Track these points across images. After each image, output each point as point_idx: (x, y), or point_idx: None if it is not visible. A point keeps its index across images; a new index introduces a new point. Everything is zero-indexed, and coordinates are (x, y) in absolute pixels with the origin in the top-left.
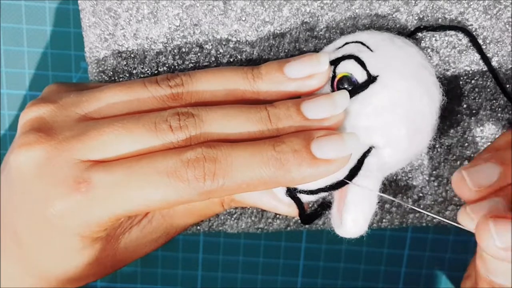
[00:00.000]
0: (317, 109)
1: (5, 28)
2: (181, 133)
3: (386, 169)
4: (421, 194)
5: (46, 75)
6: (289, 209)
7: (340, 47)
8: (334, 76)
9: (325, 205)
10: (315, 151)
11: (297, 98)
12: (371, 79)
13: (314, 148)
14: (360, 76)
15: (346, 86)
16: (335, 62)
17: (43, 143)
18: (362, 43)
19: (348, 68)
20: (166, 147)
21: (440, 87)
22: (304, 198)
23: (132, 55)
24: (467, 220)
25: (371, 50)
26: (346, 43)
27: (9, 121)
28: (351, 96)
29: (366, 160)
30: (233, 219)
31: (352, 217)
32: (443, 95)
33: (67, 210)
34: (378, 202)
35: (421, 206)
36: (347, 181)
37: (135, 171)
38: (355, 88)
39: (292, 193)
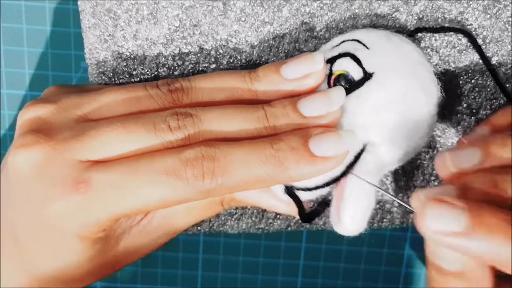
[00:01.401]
0: (314, 106)
1: (5, 28)
2: (179, 132)
3: (384, 166)
4: None
5: (46, 75)
6: (289, 207)
7: (336, 45)
8: (330, 74)
9: (324, 204)
10: (313, 148)
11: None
12: (367, 76)
13: (312, 146)
14: (356, 73)
15: (342, 84)
16: (331, 61)
17: (42, 143)
18: (358, 41)
19: (344, 66)
20: (165, 146)
21: (438, 84)
22: (303, 195)
23: (132, 56)
24: (415, 202)
25: (367, 48)
26: (343, 41)
27: (9, 121)
28: (347, 94)
29: (363, 157)
30: (233, 219)
31: (350, 213)
32: (441, 92)
33: (66, 211)
34: (379, 202)
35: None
36: (352, 173)
37: (134, 171)
38: (352, 86)
39: (290, 191)
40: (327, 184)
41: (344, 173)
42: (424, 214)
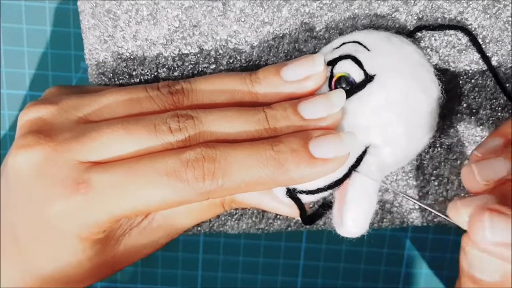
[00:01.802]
0: (314, 109)
1: (5, 28)
2: (180, 134)
3: (386, 168)
4: (421, 194)
5: (46, 75)
6: (290, 209)
7: (337, 47)
8: (331, 77)
9: (326, 205)
10: (313, 150)
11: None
12: (368, 78)
13: (312, 148)
14: (357, 75)
15: (343, 86)
16: (332, 63)
17: (42, 144)
18: (359, 42)
19: (345, 68)
20: (166, 148)
21: (439, 85)
22: (304, 198)
23: (132, 57)
24: (455, 213)
25: (368, 50)
26: (343, 43)
27: (9, 121)
28: (348, 96)
29: (365, 159)
30: (234, 219)
31: (353, 216)
32: (441, 92)
33: (66, 211)
34: (379, 202)
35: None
36: (357, 172)
37: (135, 172)
38: (353, 88)
39: (292, 193)
40: (329, 187)
41: (346, 176)
42: (481, 225)
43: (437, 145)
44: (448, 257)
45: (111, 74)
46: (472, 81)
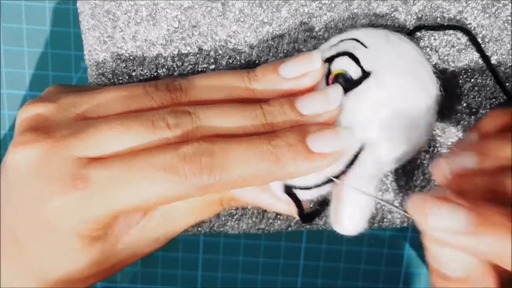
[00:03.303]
0: (311, 104)
1: (5, 28)
2: (178, 130)
3: (383, 165)
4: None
5: (46, 75)
6: (288, 207)
7: (335, 45)
8: (329, 73)
9: (324, 203)
10: (310, 145)
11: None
12: (366, 75)
13: (310, 142)
14: (354, 72)
15: (341, 83)
16: (330, 60)
17: (41, 141)
18: (356, 40)
19: (342, 65)
20: (163, 143)
21: (437, 83)
22: (302, 195)
23: (131, 57)
24: (412, 206)
25: (365, 47)
26: (341, 41)
27: (9, 121)
28: (346, 93)
29: (362, 156)
30: (234, 220)
31: (348, 214)
32: (440, 90)
33: (64, 207)
34: (379, 202)
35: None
36: (335, 179)
37: (132, 166)
38: (350, 85)
39: (289, 190)
40: (326, 182)
41: (343, 172)
42: (427, 212)
43: (437, 145)
44: None
45: (110, 75)
46: (472, 80)
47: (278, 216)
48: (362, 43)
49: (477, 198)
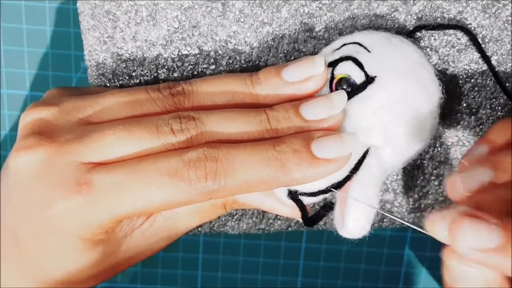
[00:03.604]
0: (315, 110)
1: (5, 28)
2: (182, 135)
3: (387, 169)
4: (421, 194)
5: (46, 75)
6: (292, 211)
7: (337, 49)
8: (332, 78)
9: (327, 207)
10: (315, 150)
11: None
12: (369, 79)
13: (314, 148)
14: (358, 77)
15: (344, 88)
16: (333, 64)
17: (44, 145)
18: (359, 43)
19: (346, 69)
20: (168, 149)
21: (440, 85)
22: (306, 200)
23: (131, 58)
24: (432, 227)
25: (368, 51)
26: (344, 44)
27: (9, 121)
28: (350, 98)
29: (366, 161)
30: (234, 220)
31: (354, 217)
32: (442, 92)
33: (67, 212)
34: (379, 202)
35: (422, 206)
36: (334, 190)
37: (137, 172)
38: (354, 89)
39: (293, 195)
40: (331, 188)
41: (348, 177)
42: (462, 231)
43: (437, 145)
44: None
45: (111, 75)
46: (472, 80)
47: (278, 217)
48: (365, 47)
49: (497, 214)
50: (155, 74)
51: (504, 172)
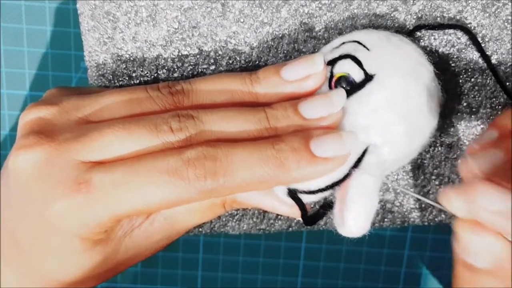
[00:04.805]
0: (315, 108)
1: (5, 28)
2: (181, 134)
3: (386, 168)
4: (422, 193)
5: (46, 75)
6: (291, 210)
7: (337, 47)
8: (331, 76)
9: (327, 205)
10: (314, 149)
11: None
12: (368, 78)
13: (313, 146)
14: (357, 75)
15: (343, 86)
16: (332, 62)
17: (43, 144)
18: (358, 42)
19: (345, 67)
20: (167, 148)
21: (439, 84)
22: (305, 198)
23: (131, 58)
24: (446, 200)
25: (368, 49)
26: (343, 43)
27: (9, 121)
28: (349, 96)
29: (366, 159)
30: (234, 220)
31: (354, 216)
32: (442, 91)
33: (67, 211)
34: (380, 202)
35: (422, 205)
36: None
37: (136, 171)
38: (353, 88)
39: (293, 194)
40: (330, 187)
41: (347, 176)
42: (475, 191)
43: (438, 144)
44: (448, 257)
45: (111, 76)
46: (472, 80)
47: (279, 217)
48: (364, 45)
49: None
50: (155, 75)
51: None
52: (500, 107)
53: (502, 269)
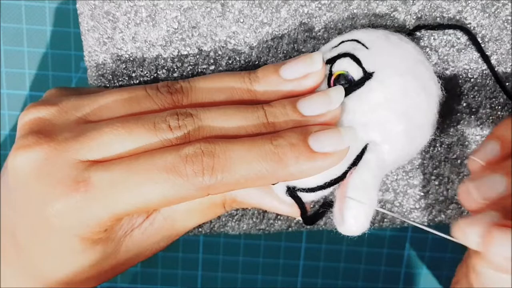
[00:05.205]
0: (313, 105)
1: (5, 28)
2: (179, 131)
3: (386, 166)
4: (422, 193)
5: (46, 75)
6: (291, 209)
7: (336, 46)
8: (330, 75)
9: (327, 204)
10: (312, 144)
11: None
12: (367, 76)
13: (312, 142)
14: (356, 73)
15: (342, 84)
16: (331, 61)
17: (42, 144)
18: (357, 41)
19: (344, 66)
20: (165, 145)
21: (438, 82)
22: (305, 197)
23: (131, 59)
24: (461, 234)
25: (367, 48)
26: (342, 42)
27: (9, 121)
28: (348, 94)
29: (365, 157)
30: (234, 220)
31: (353, 213)
32: (442, 90)
33: (66, 210)
34: (380, 202)
35: (422, 206)
36: (332, 185)
37: (134, 168)
38: (352, 86)
39: (292, 192)
40: (329, 184)
41: (346, 173)
42: (494, 242)
43: (437, 145)
44: (448, 257)
45: (110, 76)
46: (472, 80)
47: (279, 217)
48: (363, 44)
49: None
50: (155, 75)
51: None
52: (500, 107)
53: None
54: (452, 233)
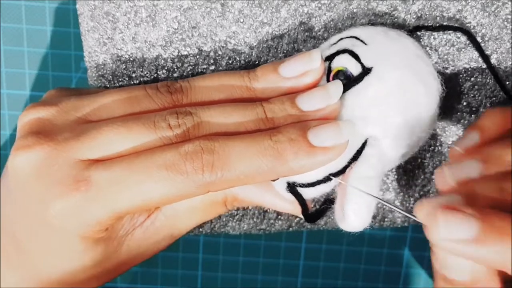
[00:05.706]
0: (312, 101)
1: (5, 28)
2: (179, 130)
3: (387, 160)
4: (422, 193)
5: (46, 75)
6: (292, 206)
7: (334, 43)
8: (329, 71)
9: (328, 202)
10: (311, 139)
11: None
12: (366, 71)
13: (311, 136)
14: (354, 69)
15: (341, 79)
16: (330, 58)
17: (42, 144)
18: (356, 37)
19: (342, 62)
20: (165, 143)
21: (438, 77)
22: (306, 193)
23: (131, 59)
24: (420, 212)
25: (365, 44)
26: (341, 39)
27: (9, 121)
28: (347, 89)
29: (365, 152)
30: (235, 220)
31: (354, 209)
32: (441, 85)
33: (66, 210)
34: (380, 202)
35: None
36: (335, 178)
37: (134, 167)
38: (351, 81)
39: (292, 188)
40: (329, 178)
41: (346, 168)
42: (435, 223)
43: (438, 144)
44: None
45: (110, 76)
46: (472, 79)
47: (279, 217)
48: (361, 40)
49: (482, 206)
50: (155, 75)
51: (494, 165)
52: (500, 106)
53: (480, 280)
54: (414, 211)
